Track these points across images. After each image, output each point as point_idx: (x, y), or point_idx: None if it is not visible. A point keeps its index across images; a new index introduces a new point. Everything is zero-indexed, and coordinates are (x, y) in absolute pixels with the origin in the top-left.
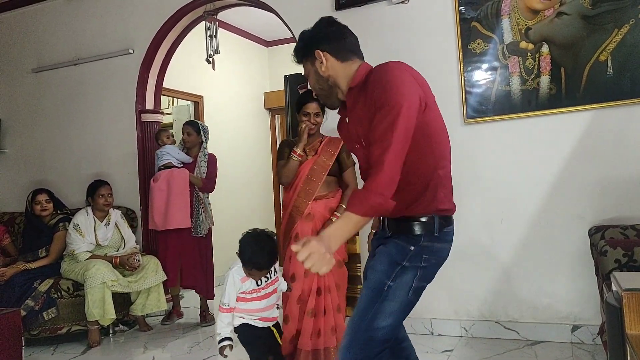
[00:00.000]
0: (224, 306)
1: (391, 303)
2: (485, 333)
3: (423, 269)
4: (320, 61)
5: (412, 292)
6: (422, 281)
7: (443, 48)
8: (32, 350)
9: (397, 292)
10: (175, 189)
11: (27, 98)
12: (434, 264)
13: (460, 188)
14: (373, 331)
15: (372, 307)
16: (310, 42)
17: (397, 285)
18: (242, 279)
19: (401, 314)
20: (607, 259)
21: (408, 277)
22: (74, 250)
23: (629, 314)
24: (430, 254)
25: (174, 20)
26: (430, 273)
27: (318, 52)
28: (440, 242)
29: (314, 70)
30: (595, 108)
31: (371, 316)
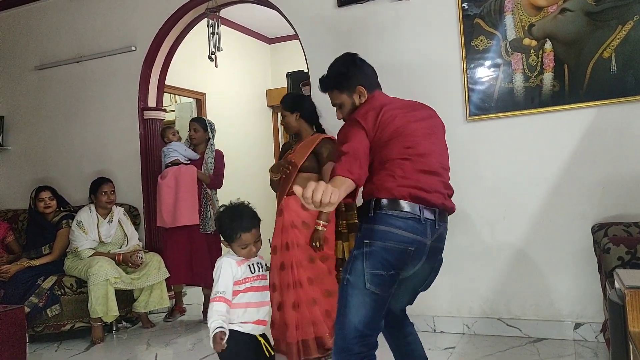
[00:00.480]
0: (220, 294)
1: (352, 295)
2: (488, 330)
3: (369, 254)
4: (359, 95)
5: (368, 282)
6: (375, 268)
7: (446, 45)
8: (36, 347)
9: (356, 283)
10: (183, 186)
11: (29, 95)
12: (382, 249)
13: (462, 186)
14: (346, 330)
15: (340, 305)
16: (353, 79)
17: (354, 277)
18: (237, 262)
19: (369, 308)
20: (609, 257)
21: (358, 265)
22: (77, 247)
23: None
24: (370, 237)
25: (177, 18)
26: (381, 259)
27: (361, 89)
28: (381, 225)
29: (351, 102)
30: (598, 105)
31: (341, 314)
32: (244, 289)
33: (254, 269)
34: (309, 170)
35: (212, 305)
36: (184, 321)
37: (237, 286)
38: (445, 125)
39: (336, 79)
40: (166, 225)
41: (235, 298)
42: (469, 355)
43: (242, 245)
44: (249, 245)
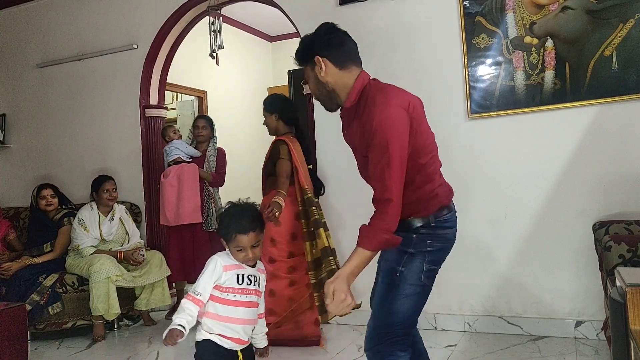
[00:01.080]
0: (195, 295)
1: (405, 287)
2: (489, 328)
3: (430, 253)
4: (319, 67)
5: (424, 275)
6: (432, 264)
7: (447, 43)
8: (37, 345)
9: (410, 277)
10: (186, 184)
11: (31, 93)
12: (439, 248)
13: (464, 183)
14: (393, 315)
15: (389, 294)
16: (311, 48)
17: (408, 271)
18: (225, 266)
19: (417, 298)
20: (611, 255)
21: (417, 261)
22: (79, 245)
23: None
24: (432, 239)
25: (178, 16)
26: (437, 256)
27: (318, 59)
28: (440, 229)
29: (313, 75)
30: (600, 103)
31: (389, 302)
32: (225, 300)
33: (243, 280)
34: (270, 174)
35: (182, 301)
36: None
37: (218, 292)
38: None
39: (298, 50)
40: (169, 223)
41: (217, 306)
42: (470, 353)
43: (237, 247)
44: (244, 249)
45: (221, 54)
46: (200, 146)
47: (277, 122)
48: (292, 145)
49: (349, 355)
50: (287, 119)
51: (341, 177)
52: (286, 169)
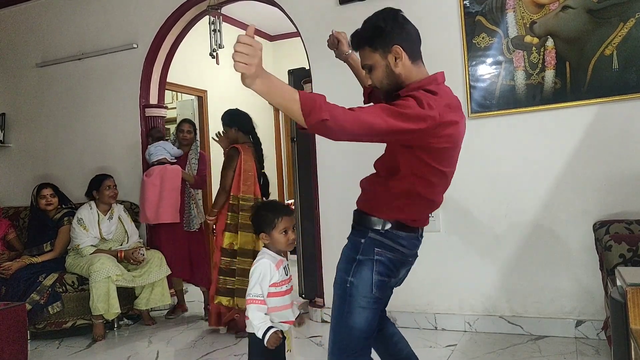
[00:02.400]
0: (257, 297)
1: (358, 299)
2: (489, 328)
3: (378, 262)
4: (395, 58)
5: (374, 287)
6: (382, 275)
7: (447, 42)
8: (37, 344)
9: (361, 288)
10: (168, 185)
11: (31, 93)
12: (390, 259)
13: (464, 183)
14: (349, 330)
15: (342, 307)
16: (390, 35)
17: (358, 281)
18: (276, 264)
19: (372, 311)
20: (611, 254)
21: (366, 270)
22: (79, 244)
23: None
24: (381, 247)
25: (178, 15)
26: (387, 268)
27: (397, 49)
28: (390, 241)
29: (384, 65)
30: (600, 102)
31: (345, 316)
32: (281, 291)
33: (288, 271)
34: None
35: (251, 307)
36: (186, 318)
37: (274, 288)
38: None
39: (370, 33)
40: (149, 221)
41: (273, 301)
42: (470, 352)
43: (284, 229)
44: (288, 229)
45: (221, 54)
46: (182, 149)
47: (237, 133)
48: (243, 154)
49: None
50: (245, 129)
51: (341, 177)
52: (225, 182)
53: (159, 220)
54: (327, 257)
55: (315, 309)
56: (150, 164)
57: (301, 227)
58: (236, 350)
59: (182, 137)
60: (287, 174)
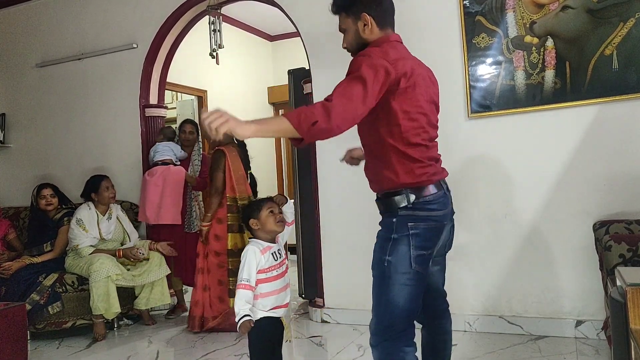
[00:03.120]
0: (244, 282)
1: (397, 276)
2: (489, 328)
3: (414, 236)
4: (364, 24)
5: (414, 262)
6: (420, 249)
7: (447, 42)
8: (37, 344)
9: (399, 265)
10: (170, 186)
11: (31, 93)
12: (424, 230)
13: (464, 183)
14: (391, 309)
15: (382, 287)
16: (360, 4)
17: (396, 259)
18: (261, 250)
19: (413, 287)
20: (611, 254)
21: (403, 247)
22: (78, 245)
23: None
24: (414, 220)
25: (178, 15)
26: (425, 239)
27: (365, 16)
28: (422, 211)
29: (354, 29)
30: (600, 102)
31: (385, 295)
32: (272, 277)
33: (277, 256)
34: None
35: (237, 292)
36: (186, 318)
37: (264, 274)
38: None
39: (344, 1)
40: (148, 221)
41: (264, 286)
42: (470, 352)
43: (270, 208)
44: (274, 208)
45: (221, 54)
46: (185, 150)
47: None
48: (229, 155)
49: (349, 354)
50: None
51: (341, 177)
52: (217, 184)
53: (159, 221)
54: (327, 258)
55: (315, 309)
56: (153, 163)
57: (301, 228)
58: (236, 350)
59: (184, 138)
60: (287, 174)
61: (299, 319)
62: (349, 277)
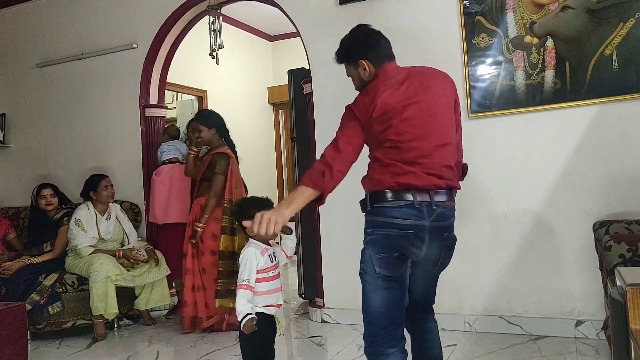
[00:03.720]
0: (245, 282)
1: (369, 282)
2: (489, 328)
3: (372, 241)
4: (363, 68)
5: (377, 266)
6: (378, 252)
7: (447, 42)
8: (37, 344)
9: (367, 270)
10: (177, 185)
11: (31, 93)
12: (384, 235)
13: (464, 183)
14: (370, 315)
15: (363, 294)
16: (354, 51)
17: (365, 265)
18: (262, 251)
19: (385, 291)
20: (611, 254)
21: (366, 253)
22: (77, 245)
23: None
24: (372, 226)
25: (178, 15)
26: (382, 245)
27: (361, 62)
28: (379, 216)
29: (357, 74)
30: (600, 102)
31: (364, 301)
32: (269, 277)
33: (273, 258)
34: (208, 179)
35: (238, 292)
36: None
37: (261, 274)
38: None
39: (342, 52)
40: (157, 221)
41: (261, 285)
42: (470, 352)
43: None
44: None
45: (221, 54)
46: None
47: (214, 135)
48: (232, 159)
49: (349, 355)
50: (223, 132)
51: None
52: (218, 188)
53: (167, 220)
54: (327, 258)
55: (315, 309)
56: (161, 162)
57: (301, 228)
58: (236, 350)
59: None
60: (287, 174)
61: (299, 319)
62: (349, 277)
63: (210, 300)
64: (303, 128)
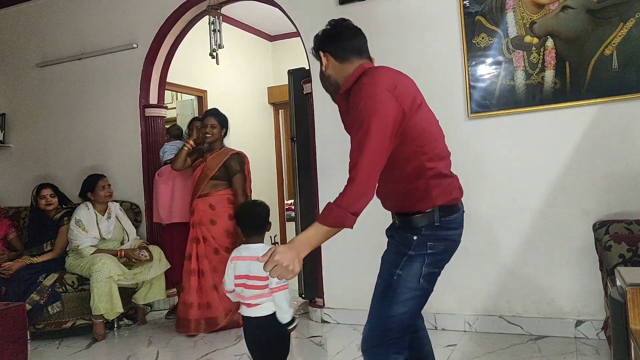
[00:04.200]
0: (284, 282)
1: (403, 290)
2: (489, 328)
3: (430, 255)
4: (322, 62)
5: (423, 279)
6: (433, 267)
7: (447, 42)
8: (37, 344)
9: (408, 280)
10: (180, 185)
11: (31, 93)
12: (442, 250)
13: (464, 183)
14: (389, 319)
15: (386, 297)
16: (317, 44)
17: (407, 274)
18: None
19: (416, 302)
20: (611, 254)
21: (416, 264)
22: (78, 245)
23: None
24: (435, 240)
25: (178, 15)
26: (439, 259)
27: (320, 53)
28: (444, 230)
29: (321, 69)
30: (600, 102)
31: (386, 306)
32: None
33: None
34: (218, 179)
35: (282, 293)
36: None
37: None
38: (444, 121)
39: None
40: (162, 221)
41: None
42: (470, 352)
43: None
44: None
45: (221, 54)
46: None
47: (221, 135)
48: (247, 160)
49: (348, 355)
50: (225, 135)
51: (341, 178)
52: (245, 186)
53: (171, 220)
54: (327, 258)
55: (315, 309)
56: (163, 163)
57: (301, 228)
58: (236, 350)
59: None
60: (287, 174)
61: (299, 319)
62: (349, 277)
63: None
64: (303, 128)
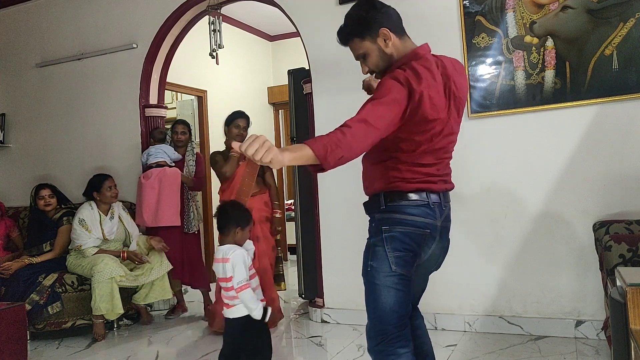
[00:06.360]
0: (245, 282)
1: (381, 279)
2: (489, 328)
3: (389, 238)
4: (384, 39)
5: (393, 265)
6: (398, 251)
7: (447, 42)
8: (37, 344)
9: (381, 269)
10: (167, 188)
11: (31, 93)
12: (402, 233)
13: (464, 183)
14: (381, 312)
15: (370, 291)
16: (374, 21)
17: (377, 263)
18: (247, 252)
19: (399, 289)
20: (611, 254)
21: (380, 250)
22: (81, 245)
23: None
24: (389, 224)
25: (178, 15)
26: (403, 243)
27: (384, 31)
28: (398, 214)
29: (376, 48)
30: (600, 102)
31: (373, 299)
32: (253, 274)
33: (252, 255)
34: (261, 176)
35: (245, 293)
36: (186, 318)
37: (249, 271)
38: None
39: (355, 25)
40: (146, 224)
41: (252, 282)
42: (470, 352)
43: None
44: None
45: (221, 54)
46: (178, 150)
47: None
48: None
49: (349, 354)
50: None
51: (341, 177)
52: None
53: (157, 224)
54: (326, 258)
55: (315, 309)
56: (147, 166)
57: (301, 228)
58: None
59: (176, 138)
60: (287, 174)
61: (299, 319)
62: (349, 277)
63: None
64: (303, 128)
